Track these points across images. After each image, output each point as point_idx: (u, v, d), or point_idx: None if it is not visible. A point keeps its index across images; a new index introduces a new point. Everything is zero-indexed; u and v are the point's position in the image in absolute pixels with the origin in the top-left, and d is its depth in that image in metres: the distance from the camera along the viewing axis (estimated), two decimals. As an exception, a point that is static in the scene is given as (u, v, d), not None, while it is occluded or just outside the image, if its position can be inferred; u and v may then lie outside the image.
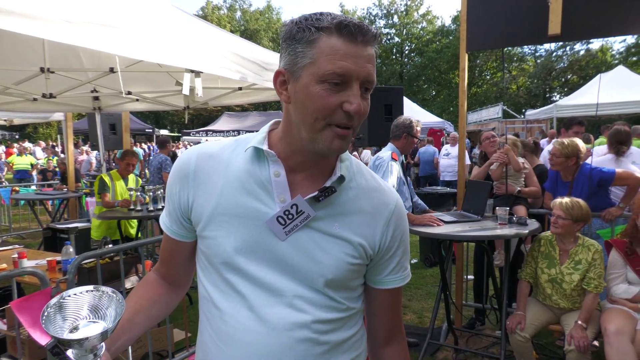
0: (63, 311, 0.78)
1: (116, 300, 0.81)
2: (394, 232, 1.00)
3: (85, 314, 0.79)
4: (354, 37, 0.82)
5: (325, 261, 0.91)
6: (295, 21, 0.85)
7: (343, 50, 0.81)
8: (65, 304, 0.79)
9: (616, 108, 10.44)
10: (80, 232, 5.11)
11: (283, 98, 0.90)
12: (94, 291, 0.81)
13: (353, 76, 0.82)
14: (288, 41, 0.86)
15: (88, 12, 2.15)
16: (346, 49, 0.81)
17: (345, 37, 0.82)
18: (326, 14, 0.84)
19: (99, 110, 5.55)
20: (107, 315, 0.79)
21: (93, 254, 2.75)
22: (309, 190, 0.92)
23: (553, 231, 3.00)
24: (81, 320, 0.78)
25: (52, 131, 30.17)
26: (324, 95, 0.82)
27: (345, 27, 0.81)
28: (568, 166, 3.53)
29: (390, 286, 1.03)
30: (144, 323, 1.02)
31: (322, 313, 0.93)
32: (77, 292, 0.80)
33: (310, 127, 0.85)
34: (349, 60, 0.81)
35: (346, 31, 0.81)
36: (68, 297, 0.80)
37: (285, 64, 0.87)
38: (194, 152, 0.99)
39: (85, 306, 0.80)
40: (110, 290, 0.82)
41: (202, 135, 17.64)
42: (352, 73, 0.82)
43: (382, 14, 39.40)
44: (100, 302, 0.81)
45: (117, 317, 0.78)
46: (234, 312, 0.92)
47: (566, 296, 2.95)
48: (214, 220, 0.93)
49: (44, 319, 0.76)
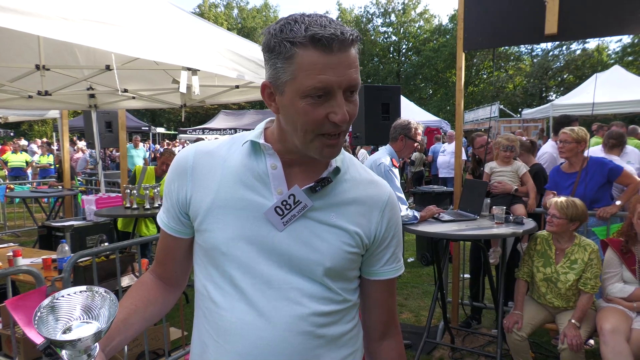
0: (56, 312, 0.77)
1: (109, 300, 0.80)
2: (389, 222, 1.03)
3: (78, 315, 0.78)
4: (329, 48, 0.80)
5: (324, 249, 0.93)
6: (271, 33, 0.85)
7: (321, 63, 0.81)
8: (57, 305, 0.78)
9: (612, 107, 10.48)
10: (76, 230, 5.08)
11: (273, 109, 0.92)
12: (87, 291, 0.81)
13: (334, 87, 0.82)
14: (268, 54, 0.86)
15: (84, 8, 2.14)
16: (324, 61, 0.81)
17: (321, 49, 0.80)
18: (300, 22, 0.82)
19: (95, 107, 5.52)
20: (100, 316, 0.79)
21: (89, 252, 2.74)
22: (306, 182, 0.95)
23: (548, 229, 3.01)
24: (74, 321, 0.77)
25: (48, 129, 30.00)
26: (308, 110, 0.84)
27: (319, 40, 0.80)
28: (577, 153, 3.55)
29: (385, 277, 1.05)
30: (139, 324, 1.02)
31: (319, 305, 0.94)
32: (69, 293, 0.80)
33: (302, 138, 0.88)
34: (328, 72, 0.81)
35: (320, 44, 0.80)
36: (61, 297, 0.79)
37: (270, 77, 0.88)
38: (192, 149, 1.01)
39: (78, 307, 0.79)
40: (103, 291, 0.81)
41: (198, 133, 17.59)
42: (334, 84, 0.82)
43: (380, 12, 39.33)
44: (93, 302, 0.80)
45: (110, 317, 0.78)
46: (231, 306, 0.93)
47: (561, 295, 2.96)
48: (212, 213, 0.95)
49: (37, 320, 0.75)
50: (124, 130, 6.42)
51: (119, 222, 4.90)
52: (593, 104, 4.90)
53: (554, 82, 31.85)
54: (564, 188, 3.60)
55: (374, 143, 5.42)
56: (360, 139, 5.19)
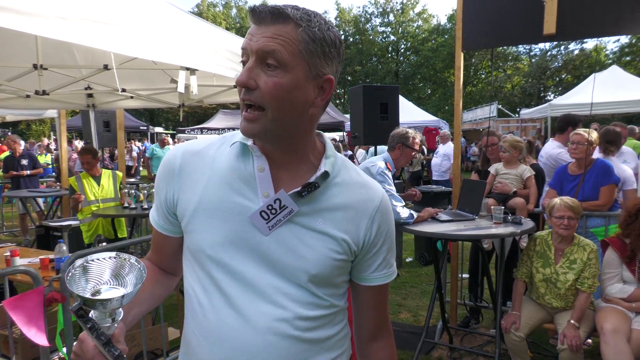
0: (87, 274, 0.79)
1: (138, 268, 0.82)
2: (379, 228, 1.00)
3: (107, 279, 0.80)
4: (254, 19, 0.87)
5: (309, 256, 0.91)
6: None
7: (249, 32, 0.87)
8: (89, 268, 0.80)
9: (610, 107, 10.50)
10: (74, 230, 5.06)
11: None
12: (117, 258, 0.82)
13: (248, 50, 0.86)
14: None
15: (82, 8, 2.13)
16: (250, 30, 0.87)
17: (251, 20, 0.87)
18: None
19: (93, 107, 5.51)
20: (127, 283, 0.80)
21: (86, 252, 2.73)
22: (293, 186, 0.93)
23: (564, 233, 2.94)
24: (102, 285, 0.79)
25: (45, 128, 29.92)
26: None
27: (250, 12, 0.86)
28: (588, 155, 3.54)
29: (375, 283, 1.03)
30: (148, 301, 1.03)
31: (304, 310, 0.92)
32: (100, 258, 0.81)
33: None
34: (247, 37, 0.87)
35: (250, 16, 0.87)
36: (92, 261, 0.81)
37: None
38: (180, 149, 1.01)
39: (107, 271, 0.81)
40: (134, 259, 0.83)
41: (197, 132, 17.55)
42: (247, 47, 0.86)
43: (378, 12, 39.36)
44: (123, 269, 0.82)
45: (137, 284, 0.79)
46: (216, 308, 0.92)
47: (560, 296, 2.96)
48: (198, 215, 0.94)
49: (69, 278, 0.76)
50: (122, 130, 6.41)
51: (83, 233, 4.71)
52: (592, 104, 4.89)
53: (552, 82, 31.91)
54: (568, 190, 3.60)
55: (373, 143, 5.42)
56: (358, 139, 5.19)
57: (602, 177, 3.52)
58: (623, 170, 3.71)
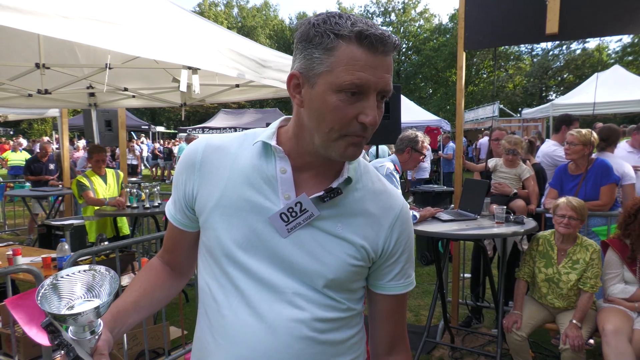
0: (58, 291, 0.78)
1: (110, 277, 0.81)
2: (399, 236, 0.98)
3: (81, 294, 0.79)
4: (374, 48, 0.79)
5: (327, 261, 0.90)
6: (313, 23, 0.82)
7: (362, 61, 0.79)
8: (59, 284, 0.79)
9: (612, 107, 10.47)
10: (76, 229, 5.07)
11: (296, 101, 0.88)
12: (89, 271, 0.81)
13: (371, 87, 0.81)
14: (304, 44, 0.83)
15: (84, 7, 2.13)
16: (366, 59, 0.79)
17: (366, 47, 0.79)
18: (345, 17, 0.81)
19: (95, 106, 5.52)
20: (101, 294, 0.79)
21: (89, 251, 2.73)
22: (315, 189, 0.92)
23: (564, 232, 2.94)
24: (76, 299, 0.78)
25: (47, 127, 29.97)
26: (340, 106, 0.81)
27: (366, 37, 0.78)
28: (583, 155, 3.54)
29: (392, 292, 1.01)
30: (148, 307, 1.02)
31: (321, 312, 0.91)
32: (70, 273, 0.81)
33: (325, 136, 0.84)
34: (367, 71, 0.79)
35: (367, 42, 0.79)
36: (62, 278, 0.80)
37: (301, 68, 0.85)
38: (202, 142, 0.98)
39: (79, 285, 0.80)
40: (104, 269, 0.82)
41: (198, 132, 17.57)
42: (371, 84, 0.80)
43: (380, 11, 39.35)
44: (95, 280, 0.81)
45: (111, 292, 0.79)
46: (232, 306, 0.91)
47: (562, 296, 2.96)
48: (217, 212, 0.93)
49: (40, 297, 0.75)
50: (123, 129, 6.41)
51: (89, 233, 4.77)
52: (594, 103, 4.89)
53: (554, 81, 31.85)
54: (568, 189, 3.60)
55: (374, 143, 5.41)
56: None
57: (602, 177, 3.51)
58: (621, 165, 3.68)
